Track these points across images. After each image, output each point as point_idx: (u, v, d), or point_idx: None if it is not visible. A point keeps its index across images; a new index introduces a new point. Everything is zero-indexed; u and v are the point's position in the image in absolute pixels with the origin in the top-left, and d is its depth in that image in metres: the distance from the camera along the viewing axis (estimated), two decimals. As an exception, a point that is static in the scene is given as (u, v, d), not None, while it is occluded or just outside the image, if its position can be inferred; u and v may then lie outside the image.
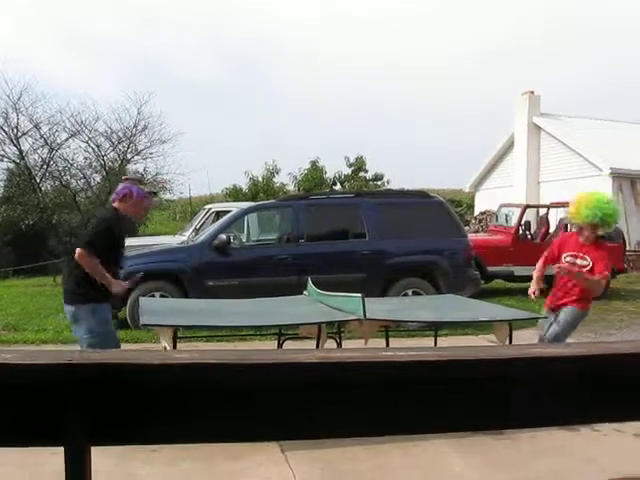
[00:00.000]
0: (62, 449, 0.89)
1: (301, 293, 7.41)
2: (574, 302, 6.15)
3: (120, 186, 5.94)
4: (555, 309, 6.27)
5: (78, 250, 5.45)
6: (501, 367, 0.95)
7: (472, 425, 1.08)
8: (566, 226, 14.70)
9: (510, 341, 5.76)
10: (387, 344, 6.52)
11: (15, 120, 23.12)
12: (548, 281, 6.62)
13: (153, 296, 9.47)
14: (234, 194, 27.78)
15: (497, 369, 0.95)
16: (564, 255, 6.25)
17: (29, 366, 0.88)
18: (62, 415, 0.88)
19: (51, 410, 0.88)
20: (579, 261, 6.16)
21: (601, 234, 6.39)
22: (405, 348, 0.97)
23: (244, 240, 11.83)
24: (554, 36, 76.66)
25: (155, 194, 7.38)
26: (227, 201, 24.00)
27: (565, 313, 6.17)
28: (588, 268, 6.05)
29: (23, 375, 0.88)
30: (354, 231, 10.97)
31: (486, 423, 1.08)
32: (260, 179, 28.52)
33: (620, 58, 75.44)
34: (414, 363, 0.92)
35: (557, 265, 6.06)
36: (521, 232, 14.98)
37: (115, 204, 5.81)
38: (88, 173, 24.38)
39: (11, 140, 23.29)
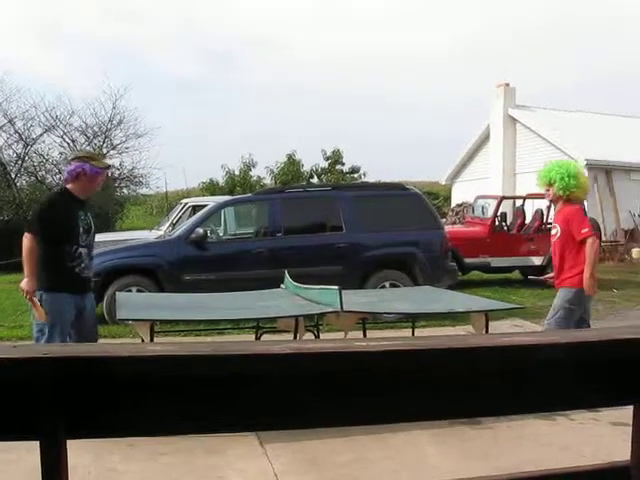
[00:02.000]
0: (37, 444, 0.89)
1: (278, 286, 7.41)
2: None
3: (72, 166, 5.63)
4: None
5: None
6: (471, 356, 0.96)
7: (446, 413, 1.09)
8: (542, 217, 14.82)
9: (487, 332, 5.79)
10: (364, 336, 6.54)
11: (-11, 115, 22.91)
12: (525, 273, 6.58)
13: (130, 291, 9.42)
14: (211, 188, 27.73)
15: (467, 358, 0.96)
16: None
17: (3, 361, 0.88)
18: (37, 409, 0.87)
19: (26, 404, 0.88)
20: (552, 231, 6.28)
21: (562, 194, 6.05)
22: (378, 338, 0.98)
23: (221, 234, 11.80)
24: (528, 29, 77.11)
25: (109, 167, 7.17)
26: (204, 195, 23.92)
27: None
28: (556, 237, 6.11)
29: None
30: (331, 224, 10.96)
31: (459, 412, 1.10)
32: (237, 173, 28.49)
33: (595, 52, 76.01)
34: (386, 353, 0.93)
35: None
36: (497, 223, 15.04)
37: (68, 185, 5.58)
38: (64, 168, 24.20)
39: (-16, 136, 23.04)
